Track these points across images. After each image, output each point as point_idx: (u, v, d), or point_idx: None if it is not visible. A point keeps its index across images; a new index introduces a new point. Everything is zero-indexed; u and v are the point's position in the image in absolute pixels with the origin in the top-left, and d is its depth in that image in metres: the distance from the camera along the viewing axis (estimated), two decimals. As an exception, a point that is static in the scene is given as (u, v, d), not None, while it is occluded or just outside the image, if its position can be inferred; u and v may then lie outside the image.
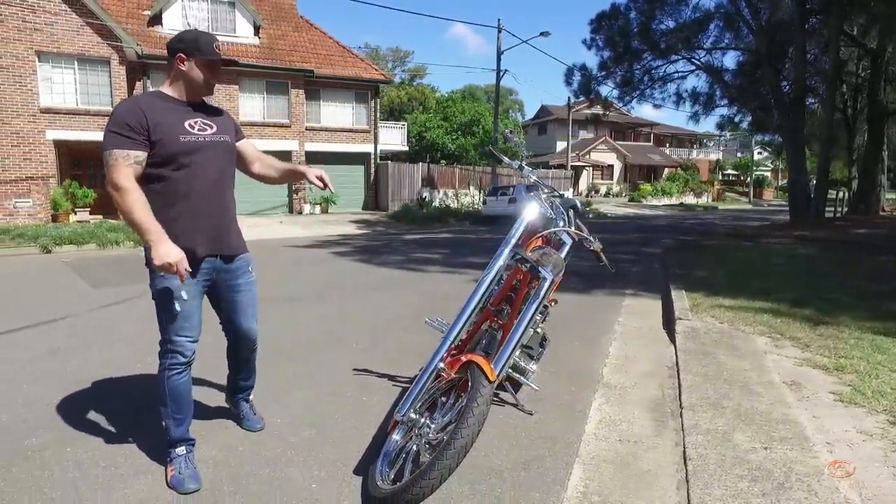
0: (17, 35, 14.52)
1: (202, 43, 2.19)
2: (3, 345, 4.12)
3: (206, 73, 2.20)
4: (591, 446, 2.52)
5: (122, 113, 2.06)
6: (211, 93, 2.32)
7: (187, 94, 2.22)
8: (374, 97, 23.00)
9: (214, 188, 2.23)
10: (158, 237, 1.98)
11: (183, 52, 2.16)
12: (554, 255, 2.54)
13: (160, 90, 2.23)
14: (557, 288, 3.84)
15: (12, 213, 12.40)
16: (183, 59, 2.16)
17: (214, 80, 2.25)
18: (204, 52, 2.17)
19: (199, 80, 2.20)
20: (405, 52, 52.49)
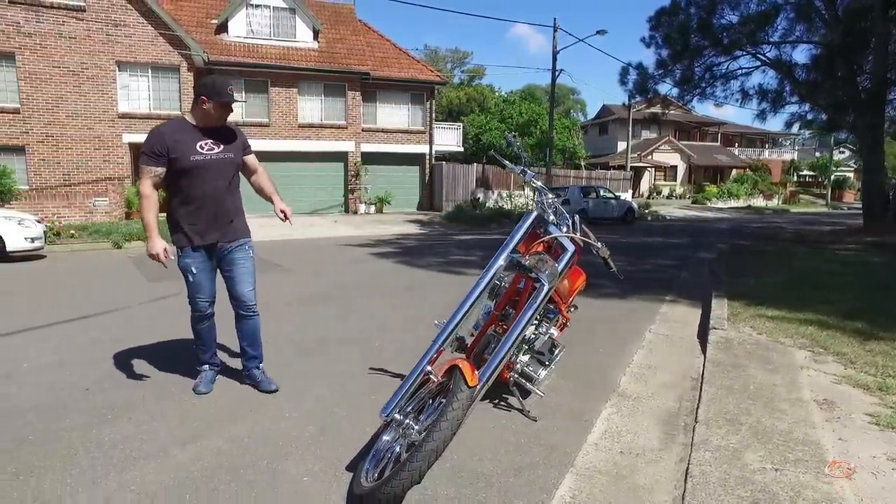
0: (102, 48, 15.69)
1: (219, 88, 2.84)
2: (58, 333, 4.49)
3: (219, 110, 2.89)
4: (589, 456, 2.46)
5: (150, 139, 2.85)
6: (223, 123, 2.96)
7: (203, 122, 2.92)
8: (429, 98, 23.22)
9: (218, 193, 2.93)
10: (153, 235, 2.83)
11: (205, 94, 2.83)
12: (549, 262, 2.49)
13: (185, 116, 2.98)
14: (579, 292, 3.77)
15: (91, 211, 13.41)
16: (204, 100, 2.84)
17: (226, 115, 2.93)
18: (221, 96, 2.84)
19: (213, 115, 2.89)
20: (464, 53, 52.65)
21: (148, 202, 2.84)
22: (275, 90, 19.55)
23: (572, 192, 17.42)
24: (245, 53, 18.91)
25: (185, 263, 2.97)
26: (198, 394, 3.10)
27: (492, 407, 3.01)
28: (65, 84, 15.38)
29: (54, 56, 15.22)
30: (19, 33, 14.92)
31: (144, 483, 2.22)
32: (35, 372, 3.51)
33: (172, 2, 18.97)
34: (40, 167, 15.29)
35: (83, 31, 15.42)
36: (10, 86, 14.98)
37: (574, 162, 31.28)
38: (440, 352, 2.32)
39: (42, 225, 9.19)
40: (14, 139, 15.08)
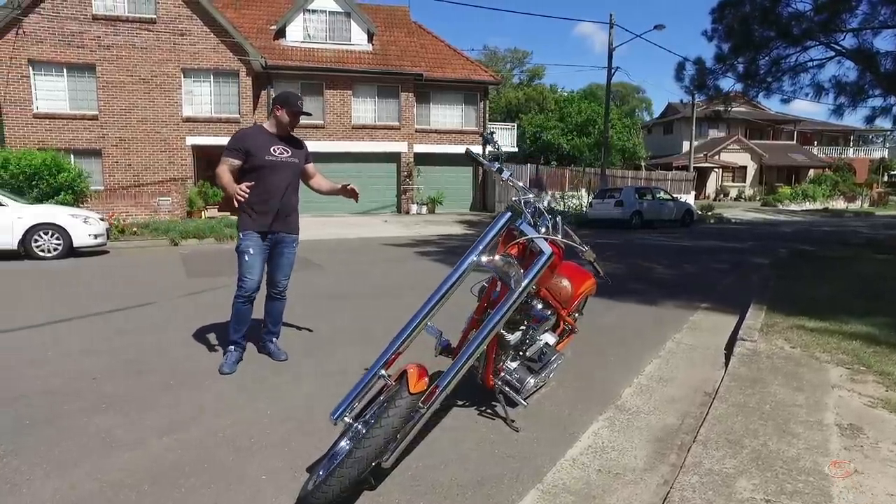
0: (169, 56, 16.67)
1: (291, 100, 3.40)
2: (91, 324, 4.75)
3: (290, 118, 3.41)
4: (561, 473, 2.30)
5: (234, 137, 3.45)
6: (292, 130, 3.49)
7: (277, 129, 3.46)
8: (483, 98, 23.13)
9: (282, 189, 3.43)
10: (232, 185, 3.27)
11: (279, 104, 3.39)
12: (515, 266, 2.35)
13: (263, 124, 3.52)
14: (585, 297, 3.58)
15: (156, 210, 14.26)
16: (278, 109, 3.40)
17: (295, 123, 3.45)
18: (291, 106, 3.38)
19: (284, 122, 3.42)
20: (523, 53, 51.97)
21: (224, 175, 3.34)
22: (329, 92, 20.05)
23: (626, 193, 16.76)
24: (301, 57, 19.51)
25: (245, 245, 3.41)
26: (222, 374, 3.40)
27: (476, 414, 2.90)
28: (136, 91, 16.44)
29: (128, 66, 16.30)
30: (100, 46, 16.09)
31: (111, 472, 2.27)
32: (57, 359, 3.71)
33: (235, 10, 19.87)
34: (114, 169, 16.42)
35: (153, 41, 16.43)
36: (90, 94, 16.18)
37: (634, 162, 30.20)
38: (398, 355, 2.23)
39: (105, 223, 9.83)
40: (92, 143, 16.28)
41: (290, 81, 19.24)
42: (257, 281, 3.46)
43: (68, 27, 15.76)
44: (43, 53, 15.75)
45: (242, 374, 3.45)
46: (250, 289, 3.45)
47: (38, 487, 2.16)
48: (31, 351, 3.91)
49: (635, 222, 16.20)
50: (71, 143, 15.99)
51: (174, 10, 16.51)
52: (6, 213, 8.62)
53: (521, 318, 2.86)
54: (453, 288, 2.35)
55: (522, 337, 2.87)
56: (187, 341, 4.18)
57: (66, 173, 11.44)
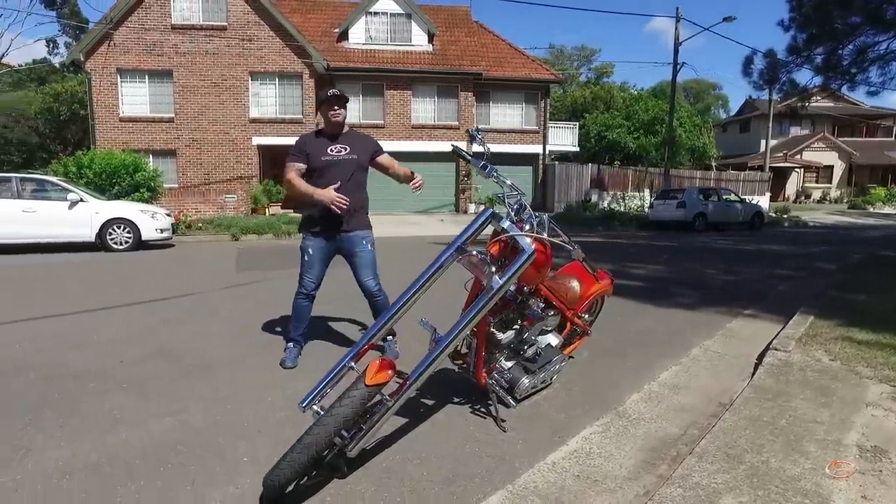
0: (238, 60, 17.60)
1: (322, 96, 3.38)
2: (138, 311, 5.11)
3: (325, 110, 3.37)
4: (536, 476, 2.24)
5: (296, 144, 3.47)
6: (337, 126, 3.41)
7: (328, 128, 3.45)
8: (544, 97, 22.79)
9: (342, 188, 3.32)
10: (316, 192, 3.26)
11: (320, 104, 3.41)
12: (488, 265, 2.31)
13: (321, 128, 3.53)
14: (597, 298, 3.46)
15: (222, 207, 15.10)
16: (317, 109, 3.53)
17: (335, 114, 3.36)
18: (321, 99, 3.37)
19: (326, 117, 3.40)
20: (591, 51, 50.66)
21: (295, 181, 3.37)
22: (390, 93, 20.43)
23: (689, 194, 15.96)
24: (362, 59, 20.01)
25: (305, 245, 3.48)
26: (284, 368, 3.46)
27: (469, 412, 2.87)
28: (208, 94, 17.48)
29: (201, 71, 17.36)
30: (177, 53, 17.25)
31: (112, 446, 2.44)
32: (96, 343, 4.02)
33: (301, 14, 20.67)
34: (187, 168, 17.53)
35: (224, 46, 17.40)
36: (168, 98, 17.37)
37: (704, 162, 28.73)
38: (371, 346, 2.25)
39: (171, 218, 10.53)
40: (168, 144, 17.47)
41: (351, 83, 19.79)
42: (315, 280, 3.49)
43: (150, 37, 16.99)
44: (129, 62, 17.08)
45: (263, 364, 3.58)
46: (308, 287, 3.47)
47: (47, 455, 2.35)
48: (77, 335, 4.25)
49: (699, 224, 15.41)
50: (150, 144, 17.25)
51: (243, 17, 17.40)
52: (86, 209, 9.41)
53: (514, 317, 2.80)
54: (429, 283, 2.35)
55: (517, 337, 2.81)
56: (216, 331, 4.40)
57: (142, 172, 12.35)
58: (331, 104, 3.34)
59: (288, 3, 20.86)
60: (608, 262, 8.48)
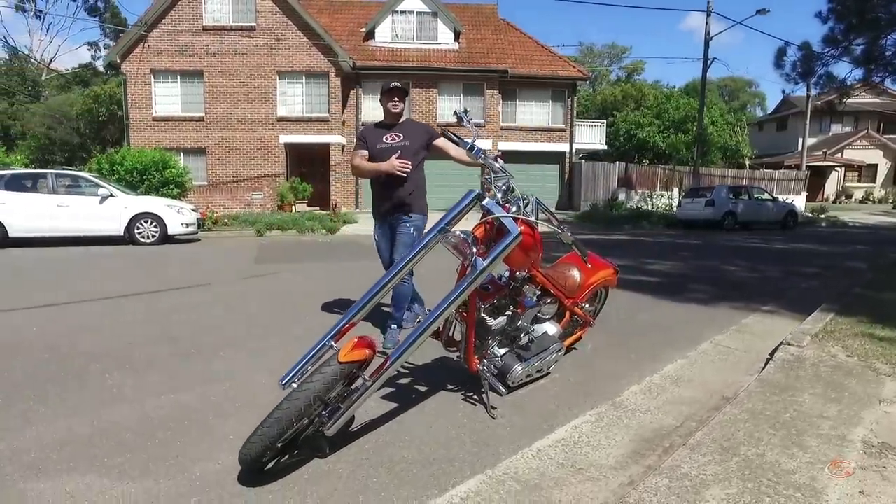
0: (266, 60, 17.92)
1: (382, 88, 3.59)
2: (153, 299, 5.24)
3: (384, 100, 3.58)
4: (519, 461, 2.19)
5: (359, 134, 3.77)
6: (394, 116, 3.61)
7: (387, 118, 3.66)
8: (570, 95, 22.54)
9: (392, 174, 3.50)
10: (380, 166, 3.50)
11: (381, 95, 3.60)
12: (469, 247, 2.28)
13: (381, 121, 3.72)
14: (600, 288, 3.39)
15: (248, 204, 15.40)
16: (380, 100, 3.66)
17: (393, 105, 3.57)
18: (383, 92, 3.58)
19: (385, 107, 3.61)
20: (621, 49, 49.77)
21: (361, 165, 3.62)
22: (416, 91, 20.49)
23: (718, 192, 15.52)
24: (388, 58, 20.13)
25: (374, 230, 3.80)
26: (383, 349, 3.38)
27: (461, 398, 2.84)
28: (237, 94, 17.84)
29: (230, 71, 17.74)
30: (207, 53, 17.67)
31: (106, 421, 2.50)
32: (109, 327, 4.14)
33: (329, 15, 20.94)
34: (216, 166, 17.94)
35: (252, 47, 17.74)
36: (198, 98, 17.81)
37: (737, 161, 27.93)
38: (351, 325, 2.25)
39: (196, 213, 10.78)
40: (199, 142, 17.90)
41: (377, 81, 19.89)
42: (386, 261, 3.75)
43: (182, 38, 17.45)
44: (162, 63, 17.57)
45: (260, 348, 3.64)
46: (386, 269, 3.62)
47: (44, 427, 2.43)
48: (94, 319, 4.39)
49: (728, 223, 14.97)
50: (181, 142, 17.71)
51: (272, 18, 17.71)
52: (115, 204, 9.72)
53: (506, 304, 2.76)
54: (409, 265, 2.34)
55: (509, 323, 2.77)
56: (221, 318, 4.47)
57: (171, 169, 12.69)
58: (391, 95, 3.55)
59: (316, 4, 21.16)
60: (627, 259, 8.32)
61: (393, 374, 2.21)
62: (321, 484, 2.03)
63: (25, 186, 9.55)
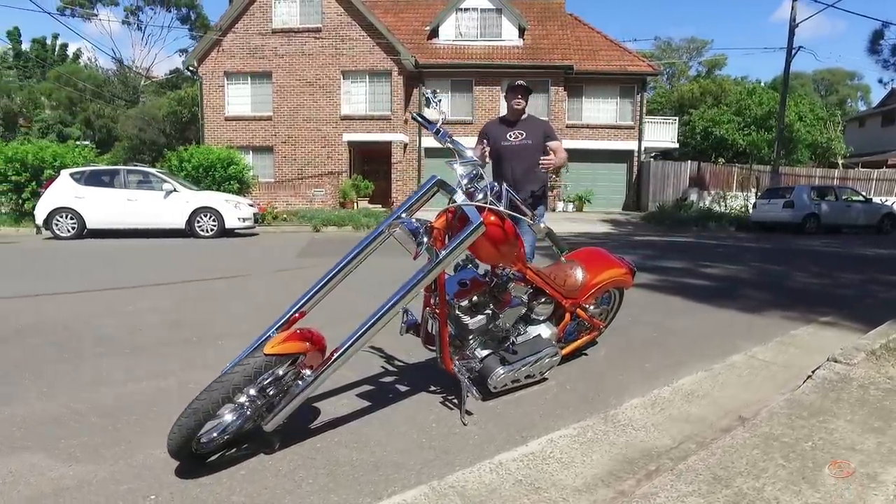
0: (331, 60, 18.41)
1: (508, 86, 3.71)
2: (183, 288, 5.41)
3: (508, 98, 3.70)
4: (471, 474, 1.98)
5: (481, 130, 3.84)
6: (516, 113, 3.71)
7: (510, 115, 3.76)
8: (640, 91, 21.56)
9: (517, 171, 3.67)
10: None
11: (506, 93, 3.72)
12: (420, 236, 2.09)
13: (503, 115, 3.85)
14: (606, 289, 3.12)
15: (310, 200, 15.87)
16: (505, 97, 3.76)
17: (516, 103, 3.66)
18: (507, 90, 3.71)
19: (509, 105, 3.73)
20: (702, 42, 47.00)
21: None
22: (479, 89, 20.33)
23: (798, 192, 14.21)
24: (451, 55, 20.09)
25: None
26: None
27: (439, 401, 2.66)
28: (303, 94, 18.44)
29: (297, 71, 18.37)
30: (276, 55, 18.40)
31: (82, 403, 2.55)
32: (127, 314, 4.29)
33: (394, 14, 21.19)
34: (282, 163, 18.64)
35: (318, 47, 18.27)
36: (266, 98, 18.58)
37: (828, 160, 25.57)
38: (302, 314, 2.16)
39: (254, 208, 11.19)
40: (266, 141, 18.68)
41: (440, 79, 19.96)
42: None
43: (253, 41, 18.27)
44: (234, 66, 18.49)
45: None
46: None
47: (21, 407, 2.50)
48: (119, 304, 4.58)
49: (810, 226, 13.67)
50: (250, 141, 18.55)
51: (337, 19, 18.16)
52: (178, 198, 10.26)
53: (485, 301, 2.55)
54: (362, 254, 2.21)
55: (489, 323, 2.55)
56: (233, 308, 4.53)
57: (235, 166, 13.28)
58: (514, 93, 3.64)
59: (382, 4, 21.48)
60: (681, 261, 7.74)
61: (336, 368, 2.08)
62: (255, 481, 1.93)
63: (101, 182, 10.29)
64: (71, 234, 9.96)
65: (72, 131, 31.54)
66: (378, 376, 3.00)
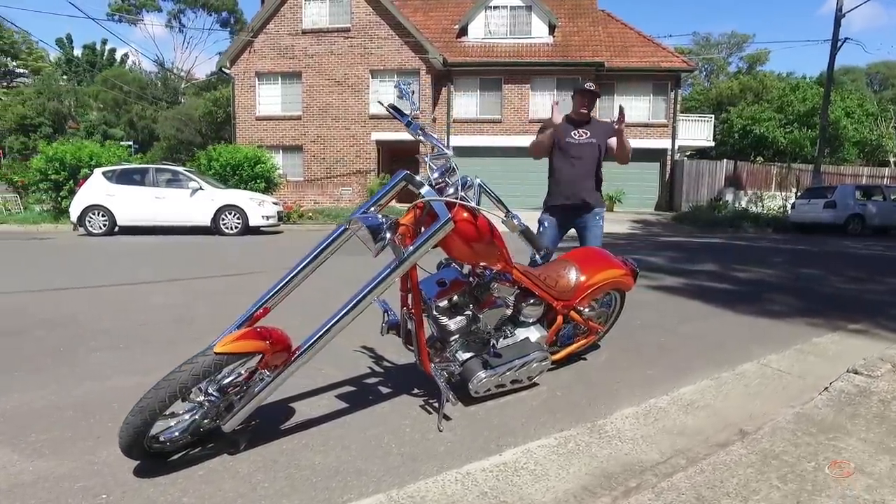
0: (359, 60, 18.52)
1: (576, 87, 3.65)
2: (195, 283, 5.47)
3: (576, 100, 3.64)
4: (434, 485, 1.88)
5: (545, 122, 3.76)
6: (583, 116, 3.67)
7: (575, 114, 3.70)
8: (674, 87, 20.94)
9: (578, 168, 3.65)
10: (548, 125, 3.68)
11: (574, 94, 3.66)
12: (369, 239, 2.00)
13: (569, 114, 3.75)
14: (618, 290, 2.98)
15: (338, 199, 15.99)
16: (572, 97, 3.70)
17: (582, 104, 3.63)
18: (575, 92, 3.66)
19: (575, 105, 3.66)
20: (742, 37, 45.43)
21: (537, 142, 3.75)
22: (508, 87, 20.13)
23: (841, 192, 13.51)
24: (480, 54, 19.94)
25: (542, 217, 3.81)
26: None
27: (419, 404, 2.57)
28: (332, 93, 18.62)
29: (326, 71, 18.55)
30: (305, 55, 18.63)
31: (66, 397, 2.56)
32: (138, 308, 4.36)
33: (423, 13, 21.18)
34: (311, 162, 18.86)
35: (347, 47, 18.41)
36: (296, 98, 18.84)
37: (878, 157, 24.31)
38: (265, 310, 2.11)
39: (278, 206, 11.32)
40: (296, 140, 18.94)
41: (469, 78, 19.85)
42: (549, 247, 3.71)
43: (284, 42, 18.54)
44: (265, 66, 18.81)
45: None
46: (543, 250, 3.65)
47: (6, 398, 2.53)
48: (132, 299, 4.67)
49: (853, 227, 12.98)
50: (280, 140, 18.83)
51: (365, 18, 18.26)
52: (204, 196, 10.47)
53: (466, 301, 2.44)
54: (328, 249, 2.15)
55: (470, 324, 2.44)
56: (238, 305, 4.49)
57: (262, 165, 13.48)
58: (581, 98, 3.63)
59: (411, 3, 21.50)
60: (709, 264, 7.42)
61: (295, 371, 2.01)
62: (211, 482, 1.87)
63: (132, 180, 10.58)
64: (103, 230, 10.28)
65: (116, 132, 32.77)
66: (364, 377, 2.93)
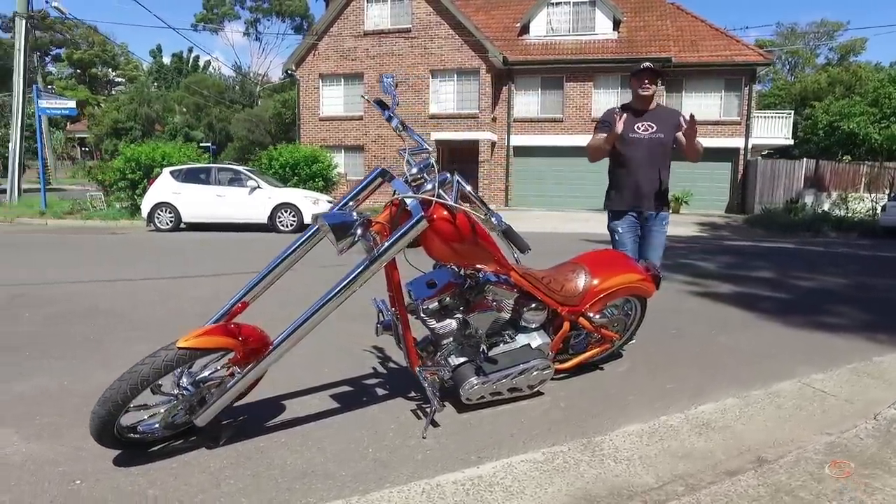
0: (420, 60, 18.67)
1: (635, 68, 3.22)
2: (230, 279, 5.65)
3: (633, 84, 3.23)
4: (398, 496, 1.80)
5: (604, 115, 3.34)
6: (645, 101, 3.24)
7: (634, 103, 3.29)
8: (748, 83, 19.66)
9: (644, 166, 3.24)
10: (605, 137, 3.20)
11: (631, 77, 3.24)
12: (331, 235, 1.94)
13: (628, 103, 3.35)
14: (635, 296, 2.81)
15: (393, 197, 16.18)
16: (630, 83, 3.27)
17: (642, 90, 3.19)
18: (632, 74, 3.23)
19: (634, 91, 3.26)
20: (834, 25, 41.92)
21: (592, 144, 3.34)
22: (569, 85, 19.64)
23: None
24: (542, 52, 19.57)
25: (613, 225, 3.39)
26: None
27: (411, 408, 2.50)
28: (392, 93, 18.87)
29: (387, 71, 18.80)
30: (367, 57, 19.00)
31: (52, 387, 2.69)
32: (170, 302, 4.55)
33: (485, 12, 21.04)
34: (372, 162, 19.19)
35: (407, 48, 18.60)
36: (358, 98, 19.24)
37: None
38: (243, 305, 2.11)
39: (332, 204, 11.57)
40: (357, 140, 19.36)
41: (530, 76, 19.53)
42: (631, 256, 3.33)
43: (346, 44, 19.00)
44: (328, 68, 19.35)
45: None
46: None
47: (25, 381, 2.72)
48: (167, 294, 4.87)
49: (953, 235, 11.64)
50: (342, 140, 19.31)
51: (425, 18, 18.37)
52: (261, 195, 10.87)
53: (455, 304, 2.34)
54: (307, 244, 2.14)
55: (459, 328, 2.34)
56: (268, 300, 4.60)
57: (319, 164, 13.84)
58: (641, 77, 3.18)
59: (473, 3, 21.41)
60: (769, 270, 6.85)
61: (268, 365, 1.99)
62: (179, 475, 1.89)
63: (197, 179, 11.16)
64: (169, 226, 10.91)
65: (196, 134, 34.89)
66: (364, 377, 2.89)
